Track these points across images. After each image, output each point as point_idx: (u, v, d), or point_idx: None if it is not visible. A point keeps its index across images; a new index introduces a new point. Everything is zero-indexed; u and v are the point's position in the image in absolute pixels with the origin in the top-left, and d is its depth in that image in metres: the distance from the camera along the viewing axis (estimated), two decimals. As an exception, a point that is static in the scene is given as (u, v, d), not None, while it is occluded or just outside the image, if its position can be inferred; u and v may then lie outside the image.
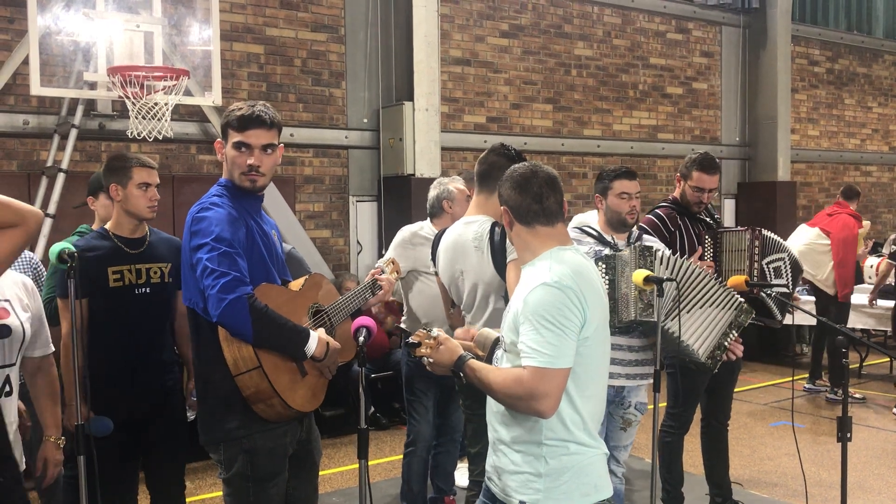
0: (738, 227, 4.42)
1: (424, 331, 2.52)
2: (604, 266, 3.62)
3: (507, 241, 3.11)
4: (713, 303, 3.71)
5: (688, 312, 3.65)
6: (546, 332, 2.25)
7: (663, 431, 4.54)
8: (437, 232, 3.87)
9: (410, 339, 2.51)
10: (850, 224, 7.76)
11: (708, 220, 4.48)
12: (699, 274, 3.69)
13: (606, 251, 3.71)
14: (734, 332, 3.76)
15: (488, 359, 2.59)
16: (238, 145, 2.78)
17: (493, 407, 2.51)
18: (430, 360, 2.48)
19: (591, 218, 3.91)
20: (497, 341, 2.58)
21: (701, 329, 3.70)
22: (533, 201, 2.41)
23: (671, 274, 3.61)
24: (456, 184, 4.51)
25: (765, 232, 4.36)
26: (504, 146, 3.43)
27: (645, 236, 3.97)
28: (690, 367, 3.90)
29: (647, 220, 4.40)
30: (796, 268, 4.40)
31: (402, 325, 4.68)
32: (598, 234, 3.82)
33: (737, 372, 4.62)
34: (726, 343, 3.75)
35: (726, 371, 4.48)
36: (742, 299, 3.80)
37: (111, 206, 3.71)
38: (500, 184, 2.49)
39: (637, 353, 3.78)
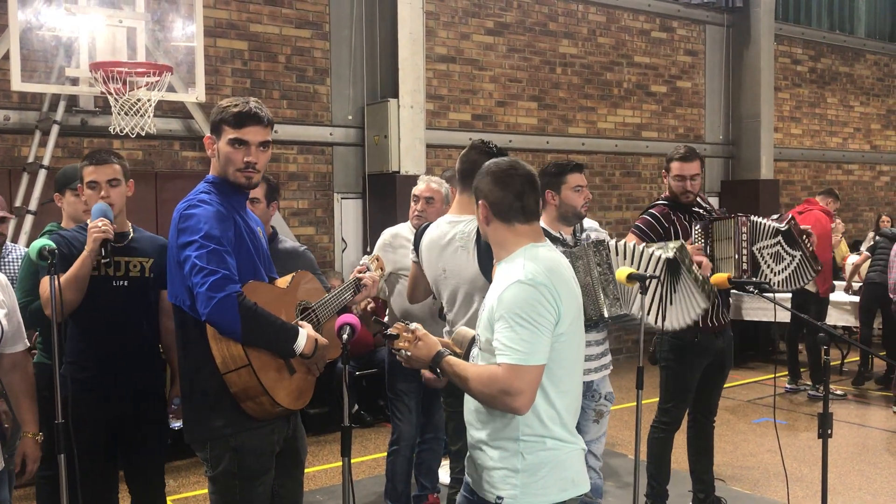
0: (726, 215, 4.44)
1: (403, 324, 2.52)
2: None
3: None
4: (682, 281, 3.83)
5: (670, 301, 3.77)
6: (520, 329, 2.26)
7: (655, 427, 4.55)
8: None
9: (389, 331, 2.50)
10: (822, 220, 7.82)
11: (702, 212, 4.50)
12: (650, 252, 3.76)
13: (558, 248, 3.72)
14: (691, 264, 3.83)
15: (465, 357, 2.59)
16: (234, 142, 2.76)
17: (469, 404, 2.51)
18: (408, 354, 2.47)
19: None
20: (473, 340, 2.58)
21: (685, 304, 3.82)
22: (515, 199, 2.42)
23: (630, 261, 3.70)
24: (427, 184, 4.48)
25: (753, 218, 4.36)
26: (485, 143, 3.43)
27: (588, 224, 3.99)
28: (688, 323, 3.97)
29: (643, 220, 4.43)
30: (791, 239, 4.35)
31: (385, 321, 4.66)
32: (544, 230, 3.81)
33: (727, 368, 4.65)
34: (699, 276, 3.84)
35: (717, 368, 4.53)
36: (673, 249, 3.85)
37: (77, 203, 3.69)
38: (479, 178, 2.48)
39: (602, 345, 3.86)
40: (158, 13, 6.60)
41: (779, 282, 4.37)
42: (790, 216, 4.44)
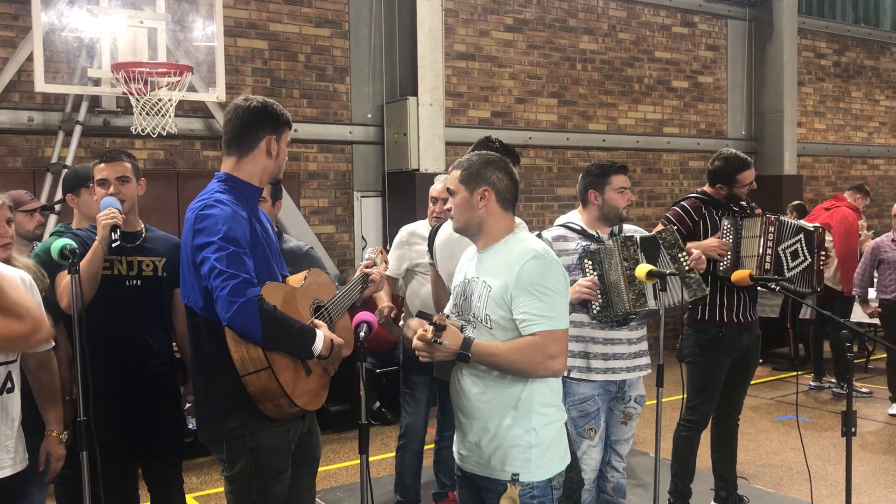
0: (756, 213, 4.39)
1: (443, 314, 2.61)
2: (590, 262, 3.65)
3: None
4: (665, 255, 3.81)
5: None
6: (547, 299, 2.51)
7: (681, 425, 4.51)
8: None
9: (437, 322, 2.55)
10: (849, 216, 7.71)
11: (735, 208, 4.45)
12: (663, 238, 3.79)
13: (592, 246, 3.72)
14: (678, 251, 3.74)
15: None
16: (289, 143, 2.94)
17: (472, 389, 2.63)
18: (443, 343, 2.55)
19: (570, 218, 3.92)
20: (462, 329, 2.69)
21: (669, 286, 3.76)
22: (516, 190, 2.72)
23: (648, 256, 3.69)
24: (444, 183, 4.46)
25: (782, 218, 4.35)
26: (490, 140, 3.54)
27: (627, 227, 3.97)
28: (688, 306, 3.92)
29: (673, 212, 4.45)
30: (811, 240, 4.31)
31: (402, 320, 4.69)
32: (582, 228, 3.80)
33: (753, 367, 4.61)
34: (685, 266, 3.73)
35: (742, 366, 4.49)
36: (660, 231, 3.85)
37: (93, 203, 3.70)
38: (483, 167, 2.68)
39: (635, 344, 3.80)
40: (179, 13, 6.65)
41: (788, 277, 4.32)
42: (821, 228, 4.41)
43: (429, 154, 7.57)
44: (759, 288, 4.38)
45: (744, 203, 4.50)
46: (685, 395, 4.52)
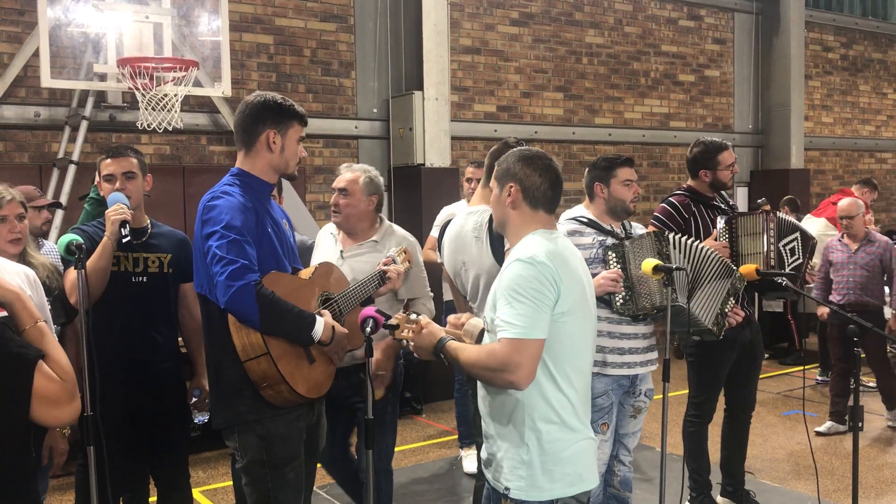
0: (753, 212, 4.42)
1: (404, 314, 2.56)
2: (614, 255, 3.63)
3: None
4: (717, 276, 3.79)
5: (700, 289, 3.75)
6: (519, 305, 2.30)
7: (688, 421, 4.52)
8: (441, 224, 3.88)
9: (390, 322, 2.53)
10: None
11: (722, 206, 4.47)
12: (710, 253, 3.78)
13: (609, 240, 3.71)
14: (732, 299, 3.82)
15: None
16: (300, 139, 2.96)
17: (479, 392, 2.55)
18: (413, 343, 2.51)
19: (578, 212, 3.89)
20: (481, 332, 2.62)
21: (707, 302, 3.78)
22: (549, 188, 2.51)
23: (685, 258, 3.68)
24: (343, 174, 3.90)
25: (780, 214, 4.37)
26: (518, 141, 3.48)
27: (634, 224, 3.96)
28: (694, 338, 3.96)
29: (661, 209, 4.42)
30: (806, 242, 4.35)
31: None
32: (594, 222, 3.79)
33: (759, 360, 4.61)
34: (726, 310, 3.80)
35: (749, 361, 4.49)
36: (734, 267, 3.87)
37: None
38: (513, 162, 2.53)
39: (649, 339, 3.82)
40: (184, 8, 6.65)
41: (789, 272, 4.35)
42: (815, 240, 4.46)
43: (434, 149, 7.56)
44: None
45: (727, 194, 4.56)
46: (689, 392, 4.53)
